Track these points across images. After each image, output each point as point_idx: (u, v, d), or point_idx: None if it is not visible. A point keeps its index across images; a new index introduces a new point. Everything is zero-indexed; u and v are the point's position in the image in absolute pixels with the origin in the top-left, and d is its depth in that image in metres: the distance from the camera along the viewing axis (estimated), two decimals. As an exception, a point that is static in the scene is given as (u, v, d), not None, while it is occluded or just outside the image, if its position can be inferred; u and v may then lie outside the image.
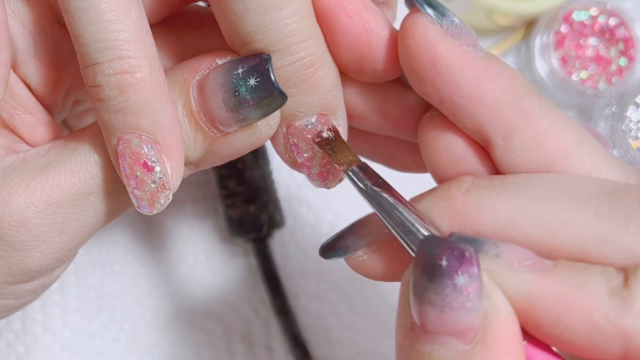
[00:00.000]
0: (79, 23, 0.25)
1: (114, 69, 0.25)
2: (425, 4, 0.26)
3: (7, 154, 0.28)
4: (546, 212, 0.24)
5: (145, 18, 0.26)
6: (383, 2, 0.32)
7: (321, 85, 0.27)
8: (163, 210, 0.27)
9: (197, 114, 0.27)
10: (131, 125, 0.26)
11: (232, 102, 0.26)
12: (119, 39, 0.25)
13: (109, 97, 0.25)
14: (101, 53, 0.25)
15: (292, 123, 0.28)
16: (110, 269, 0.47)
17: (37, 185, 0.27)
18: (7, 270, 0.28)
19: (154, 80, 0.25)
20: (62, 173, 0.27)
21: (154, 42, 0.26)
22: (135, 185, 0.26)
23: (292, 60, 0.26)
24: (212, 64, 0.27)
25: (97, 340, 0.46)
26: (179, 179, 0.27)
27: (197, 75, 0.27)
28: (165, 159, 0.26)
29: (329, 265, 0.47)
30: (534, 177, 0.25)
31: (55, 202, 0.27)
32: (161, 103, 0.26)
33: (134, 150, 0.26)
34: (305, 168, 0.28)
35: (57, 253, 0.28)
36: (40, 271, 0.28)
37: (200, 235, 0.48)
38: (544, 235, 0.24)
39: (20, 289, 0.29)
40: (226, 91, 0.26)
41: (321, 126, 0.27)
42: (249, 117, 0.26)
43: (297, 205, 0.48)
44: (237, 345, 0.47)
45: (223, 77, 0.26)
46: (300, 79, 0.26)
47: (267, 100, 0.26)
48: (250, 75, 0.25)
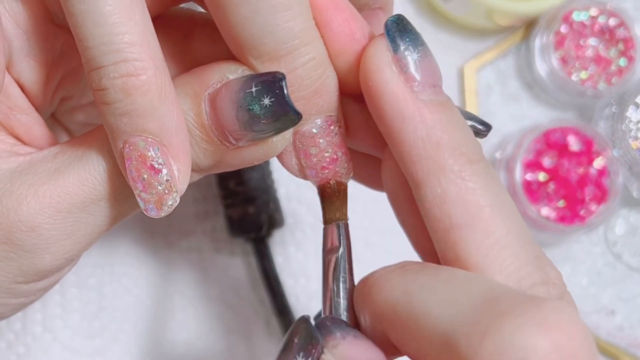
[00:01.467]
0: (83, 26, 0.25)
1: (119, 71, 0.25)
2: (390, 31, 0.27)
3: (9, 156, 0.28)
4: (422, 300, 0.24)
5: (150, 20, 0.26)
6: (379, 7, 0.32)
7: (330, 85, 0.27)
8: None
9: (208, 127, 0.27)
10: (137, 128, 0.25)
11: (245, 119, 0.26)
12: (124, 41, 0.25)
13: (114, 100, 0.25)
14: (106, 56, 0.25)
15: (299, 128, 0.28)
16: (111, 270, 0.47)
17: (45, 192, 0.27)
18: (19, 271, 0.28)
19: (159, 82, 0.25)
20: (71, 180, 0.27)
21: (158, 44, 0.26)
22: (142, 188, 0.26)
23: (304, 61, 0.26)
24: (223, 78, 0.27)
25: (97, 340, 0.46)
26: (186, 182, 0.27)
27: (209, 88, 0.27)
28: (172, 161, 0.26)
29: (329, 265, 0.47)
30: (449, 270, 0.25)
31: (65, 209, 0.27)
32: (167, 105, 0.26)
33: (140, 153, 0.26)
34: (314, 172, 0.29)
35: (67, 254, 0.28)
36: (52, 271, 0.29)
37: (200, 235, 0.48)
38: (411, 324, 0.24)
39: (32, 287, 0.29)
40: (240, 109, 0.26)
41: (328, 128, 0.28)
42: (262, 134, 0.26)
43: (297, 205, 0.48)
44: (237, 344, 0.47)
45: (236, 94, 0.26)
46: (312, 80, 0.27)
47: (282, 120, 0.26)
48: (265, 94, 0.25)
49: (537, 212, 0.48)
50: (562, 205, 0.49)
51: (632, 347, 0.49)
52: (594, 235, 0.51)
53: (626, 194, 0.51)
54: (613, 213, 0.50)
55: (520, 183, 0.49)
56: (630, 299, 0.50)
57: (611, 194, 0.49)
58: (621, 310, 0.50)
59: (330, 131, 0.28)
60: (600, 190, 0.49)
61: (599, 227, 0.50)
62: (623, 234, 0.51)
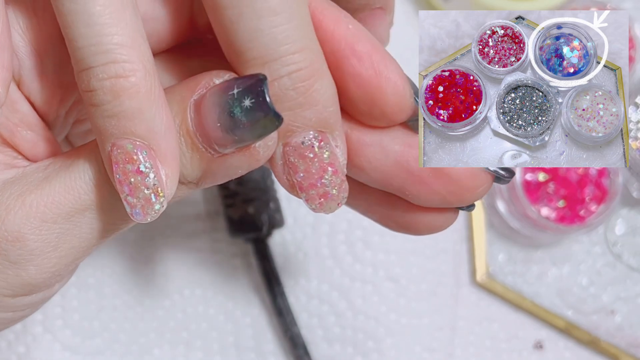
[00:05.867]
0: (72, 26, 0.25)
1: (108, 73, 0.25)
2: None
3: (5, 168, 0.28)
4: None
5: (140, 22, 0.26)
6: (380, 7, 0.32)
7: (319, 99, 0.26)
8: (158, 217, 0.26)
9: (193, 134, 0.26)
10: (125, 130, 0.25)
11: (227, 123, 0.25)
12: (114, 42, 0.25)
13: (102, 102, 0.25)
14: (95, 57, 0.25)
15: (289, 140, 0.27)
16: (111, 270, 0.47)
17: (32, 202, 0.27)
18: (4, 282, 0.27)
19: (148, 85, 0.25)
20: (57, 189, 0.27)
21: (149, 47, 0.26)
22: (128, 192, 0.26)
23: (289, 70, 0.25)
24: (209, 83, 0.26)
25: (97, 340, 0.46)
26: (174, 187, 0.26)
27: (194, 94, 0.26)
28: (159, 165, 0.26)
29: (329, 265, 0.47)
30: None
31: (51, 219, 0.27)
32: (156, 108, 0.25)
33: (127, 156, 0.25)
34: (301, 189, 0.27)
35: (53, 267, 0.28)
36: (38, 285, 0.28)
37: (200, 236, 0.48)
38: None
39: (19, 302, 0.28)
40: (221, 111, 0.25)
41: (318, 144, 0.27)
42: (245, 139, 0.25)
43: (297, 205, 0.48)
44: (237, 344, 0.47)
45: (219, 97, 0.25)
46: (297, 92, 0.26)
47: (262, 122, 0.25)
48: (245, 96, 0.25)
49: (537, 212, 0.48)
50: (562, 206, 0.49)
51: (632, 347, 0.49)
52: (594, 235, 0.51)
53: (626, 194, 0.51)
54: (613, 213, 0.50)
55: (520, 183, 0.49)
56: (630, 299, 0.50)
57: (611, 194, 0.49)
58: (621, 310, 0.50)
59: (320, 148, 0.27)
60: (600, 190, 0.49)
61: (599, 227, 0.50)
62: (623, 234, 0.51)
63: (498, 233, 0.50)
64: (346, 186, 0.28)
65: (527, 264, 0.50)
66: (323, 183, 0.27)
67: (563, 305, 0.50)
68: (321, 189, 0.27)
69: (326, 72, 0.27)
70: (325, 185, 0.27)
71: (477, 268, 0.49)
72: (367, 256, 0.48)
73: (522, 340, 0.49)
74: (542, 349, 0.49)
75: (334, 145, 0.27)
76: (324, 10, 0.27)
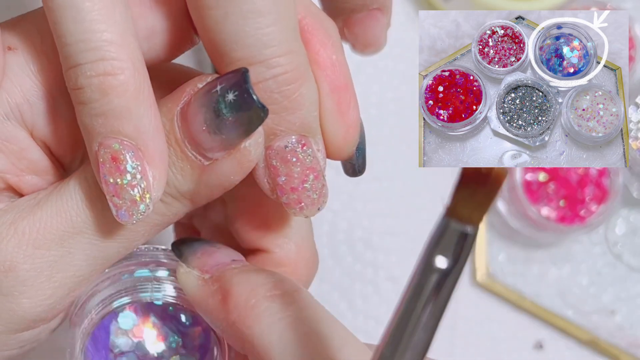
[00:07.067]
0: (61, 22, 0.24)
1: (96, 70, 0.24)
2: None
3: (1, 200, 0.27)
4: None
5: (131, 21, 0.25)
6: (377, 8, 0.32)
7: (303, 103, 0.26)
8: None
9: (181, 141, 0.26)
10: (112, 129, 0.25)
11: (213, 123, 0.25)
12: (103, 39, 0.24)
13: (90, 100, 0.24)
14: (84, 54, 0.24)
15: (271, 144, 0.26)
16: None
17: (25, 228, 0.26)
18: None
19: (137, 83, 0.24)
20: (49, 213, 0.26)
21: (138, 46, 0.25)
22: (114, 192, 0.25)
23: (274, 73, 0.25)
24: (194, 89, 0.26)
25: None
26: (161, 188, 0.26)
27: (180, 103, 0.26)
28: (147, 166, 0.25)
29: (329, 265, 0.47)
30: None
31: (43, 245, 0.26)
32: (144, 108, 0.25)
33: (114, 156, 0.25)
34: (282, 192, 0.27)
35: (47, 300, 0.27)
36: (33, 320, 0.27)
37: (200, 235, 0.48)
38: None
39: (16, 339, 0.27)
40: (207, 112, 0.25)
41: (301, 148, 0.26)
42: (232, 137, 0.25)
43: (297, 205, 0.48)
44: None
45: (203, 97, 0.25)
46: (282, 95, 0.25)
47: (248, 116, 0.24)
48: (229, 90, 0.25)
49: (537, 212, 0.48)
50: (562, 205, 0.49)
51: (632, 347, 0.49)
52: (594, 235, 0.51)
53: (626, 194, 0.51)
54: (613, 213, 0.50)
55: (520, 183, 0.49)
56: (630, 299, 0.50)
57: (611, 194, 0.49)
58: (621, 310, 0.50)
59: (303, 152, 0.27)
60: (600, 190, 0.49)
61: (599, 227, 0.50)
62: (623, 234, 0.51)
63: (498, 233, 0.50)
64: (326, 191, 0.28)
65: (527, 264, 0.50)
66: (304, 187, 0.27)
67: (563, 305, 0.50)
68: (302, 193, 0.27)
69: (311, 76, 0.26)
70: (306, 190, 0.27)
71: (477, 268, 0.49)
72: (367, 256, 0.48)
73: (522, 340, 0.49)
74: (542, 349, 0.49)
75: (316, 149, 0.27)
76: (314, 30, 0.27)
